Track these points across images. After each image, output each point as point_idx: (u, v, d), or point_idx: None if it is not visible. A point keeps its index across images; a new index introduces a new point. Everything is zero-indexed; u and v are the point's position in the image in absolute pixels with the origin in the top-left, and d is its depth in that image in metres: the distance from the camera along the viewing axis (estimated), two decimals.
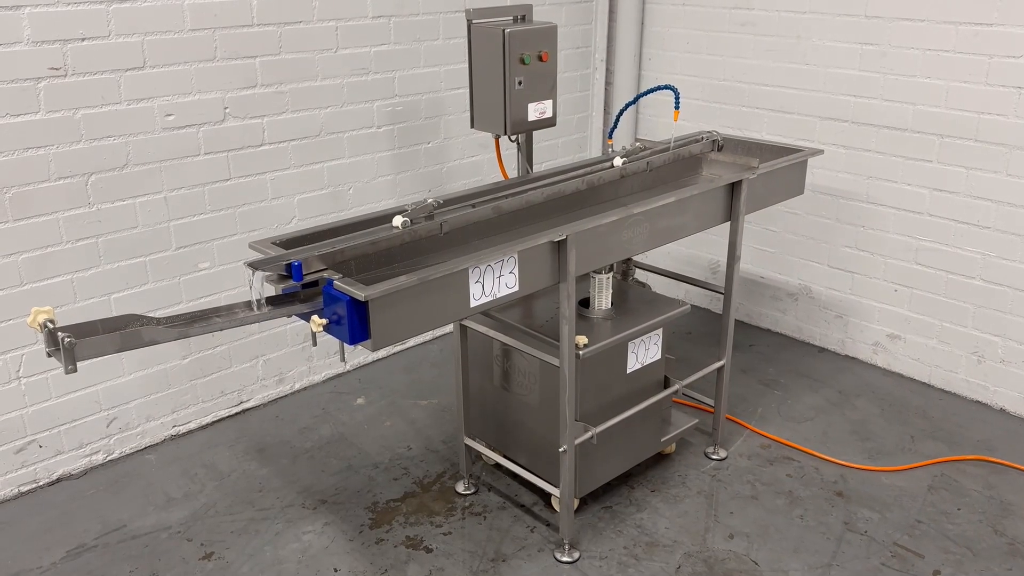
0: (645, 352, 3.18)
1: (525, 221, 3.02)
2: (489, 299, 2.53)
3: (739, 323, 4.84)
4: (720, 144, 3.43)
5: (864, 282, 4.32)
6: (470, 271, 2.44)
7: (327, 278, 2.28)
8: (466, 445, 3.36)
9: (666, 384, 3.36)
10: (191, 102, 3.49)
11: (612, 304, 3.17)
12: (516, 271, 2.57)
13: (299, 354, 4.17)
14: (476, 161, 4.60)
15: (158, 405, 3.74)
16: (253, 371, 4.02)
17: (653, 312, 3.17)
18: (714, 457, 3.62)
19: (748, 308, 4.83)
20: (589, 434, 2.98)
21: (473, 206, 2.69)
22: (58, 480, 3.52)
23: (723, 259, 4.83)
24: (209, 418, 3.92)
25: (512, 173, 3.53)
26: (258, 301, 2.23)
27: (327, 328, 2.30)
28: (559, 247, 2.66)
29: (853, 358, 4.47)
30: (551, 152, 4.98)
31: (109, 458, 3.65)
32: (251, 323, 2.21)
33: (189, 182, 3.57)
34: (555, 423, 3.01)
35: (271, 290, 2.35)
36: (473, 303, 2.49)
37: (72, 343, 1.89)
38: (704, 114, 4.74)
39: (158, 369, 3.70)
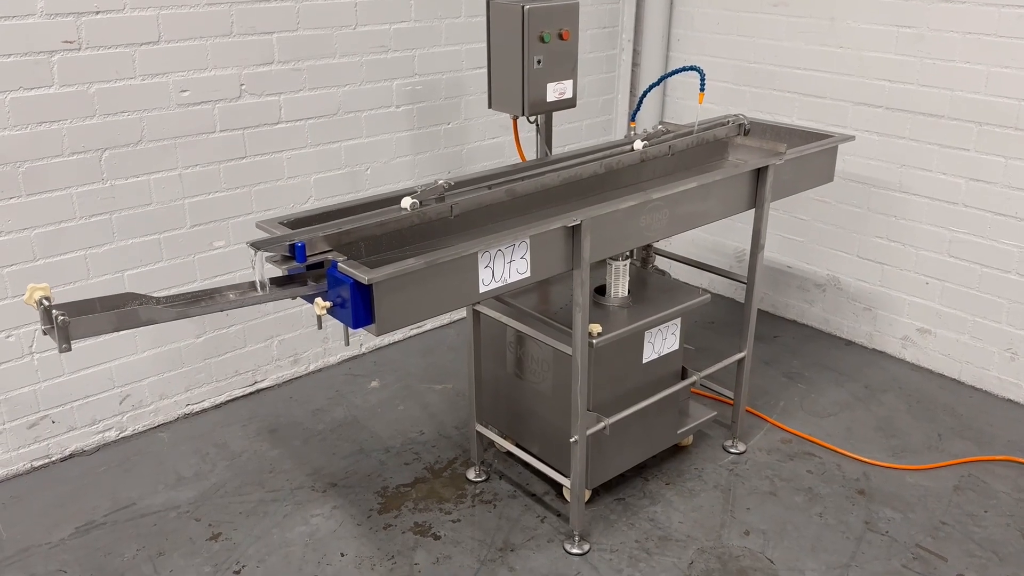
0: (662, 342, 3.10)
1: (540, 205, 2.94)
2: (499, 285, 2.45)
3: (764, 313, 4.72)
4: (747, 128, 3.31)
5: (894, 274, 4.19)
6: (479, 255, 2.36)
7: (332, 260, 2.23)
8: (477, 432, 3.31)
9: (684, 375, 3.27)
10: (207, 78, 3.44)
11: (629, 292, 3.08)
12: (528, 256, 2.49)
13: (314, 335, 4.13)
14: (497, 143, 4.52)
15: (171, 383, 3.73)
16: (267, 351, 3.99)
17: (671, 301, 3.07)
18: (732, 451, 3.53)
19: (773, 298, 4.72)
20: (601, 425, 2.90)
21: (488, 188, 2.62)
22: (70, 456, 3.52)
23: (748, 247, 4.72)
24: (223, 397, 3.91)
25: (531, 156, 3.44)
26: (261, 282, 2.18)
27: (331, 311, 2.24)
28: (573, 232, 2.58)
29: (881, 352, 4.34)
30: (574, 135, 4.88)
31: (122, 435, 3.65)
32: (253, 304, 2.17)
33: (204, 159, 3.53)
34: (568, 412, 2.94)
35: (275, 271, 2.30)
36: (483, 288, 2.42)
37: (66, 321, 1.85)
38: (733, 97, 4.60)
39: (172, 347, 3.68)
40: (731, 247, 4.85)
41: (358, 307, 2.17)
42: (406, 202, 2.43)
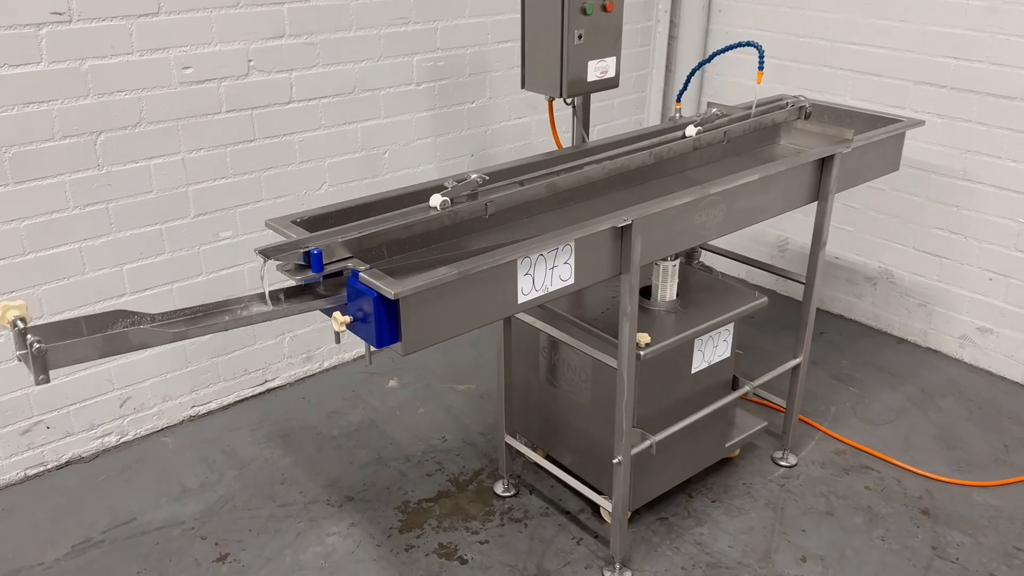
0: (713, 350, 2.80)
1: (579, 197, 2.64)
2: (540, 294, 2.16)
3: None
4: (808, 111, 2.99)
5: (954, 268, 3.87)
6: (519, 262, 2.07)
7: (352, 269, 1.94)
8: (507, 443, 3.03)
9: (735, 385, 2.98)
10: (211, 53, 3.13)
11: (677, 295, 2.79)
12: (572, 261, 2.20)
13: (328, 331, 3.85)
14: (524, 123, 4.20)
15: (176, 384, 3.46)
16: (279, 348, 3.72)
17: (724, 305, 2.78)
18: (783, 463, 3.25)
19: (819, 291, 4.39)
20: (647, 443, 2.62)
21: (522, 183, 2.31)
22: (67, 463, 3.27)
23: (792, 235, 4.40)
24: (231, 398, 3.64)
25: (565, 140, 3.13)
26: (271, 294, 1.90)
27: (351, 327, 1.96)
28: (622, 233, 2.28)
29: (936, 351, 4.03)
30: (606, 114, 4.55)
31: (122, 440, 3.39)
32: (261, 321, 1.88)
33: (209, 143, 3.23)
34: (608, 426, 2.66)
35: (286, 280, 2.01)
36: (521, 299, 2.13)
37: (42, 349, 1.57)
38: (780, 74, 4.26)
39: (176, 345, 3.41)
40: (772, 235, 4.54)
41: (382, 324, 1.89)
42: (436, 200, 2.13)
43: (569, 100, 2.90)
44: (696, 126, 2.68)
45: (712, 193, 2.43)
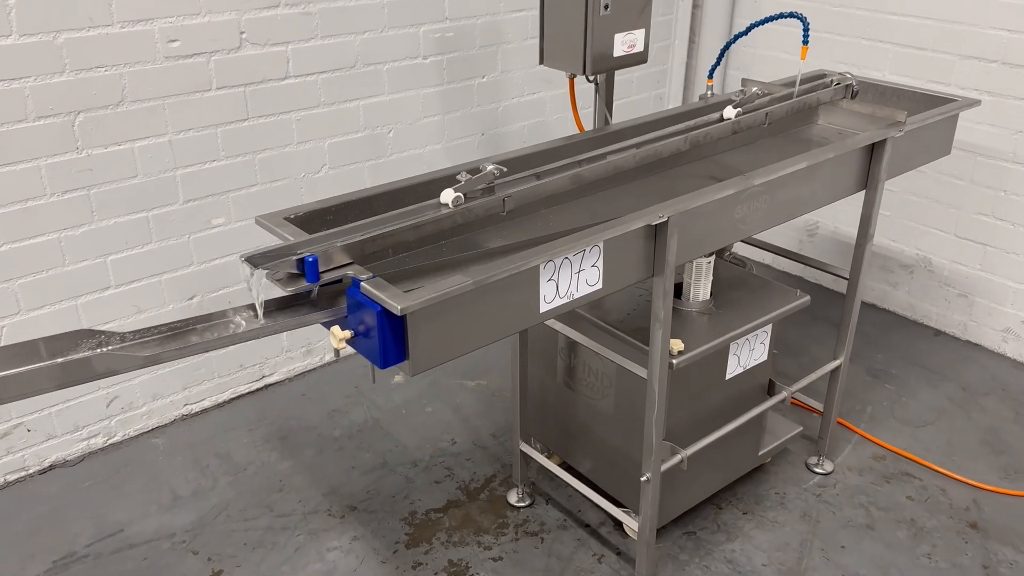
0: (749, 353, 2.56)
1: (603, 185, 2.40)
2: (565, 301, 1.92)
3: (836, 295, 4.15)
4: (855, 90, 2.72)
5: (999, 257, 3.61)
6: (541, 268, 1.82)
7: (352, 277, 1.69)
8: (521, 451, 2.81)
9: (770, 390, 2.74)
10: (200, 25, 2.87)
11: (712, 294, 2.54)
12: (600, 264, 1.95)
13: None
14: (538, 99, 3.93)
15: (167, 381, 3.24)
16: (277, 341, 3.48)
17: (762, 305, 2.53)
18: (818, 471, 3.02)
19: (863, 287, 4.13)
20: (678, 458, 2.39)
21: (538, 177, 2.06)
22: (51, 468, 3.06)
23: (821, 219, 4.14)
24: (226, 395, 3.42)
25: (586, 120, 2.87)
26: (260, 307, 1.66)
27: (352, 342, 1.72)
28: (656, 231, 2.03)
29: (976, 345, 3.79)
30: (625, 88, 4.27)
31: (110, 442, 3.18)
32: (250, 339, 1.65)
33: (199, 123, 2.97)
34: (632, 435, 2.43)
35: (277, 289, 1.76)
36: (544, 307, 1.88)
37: None
38: (813, 47, 3.97)
39: None
40: (800, 219, 4.27)
41: (387, 341, 1.65)
42: (447, 196, 1.88)
43: (591, 77, 2.64)
44: (735, 107, 2.41)
45: (756, 184, 2.17)
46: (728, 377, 2.55)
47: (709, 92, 2.88)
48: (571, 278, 1.90)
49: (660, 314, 2.12)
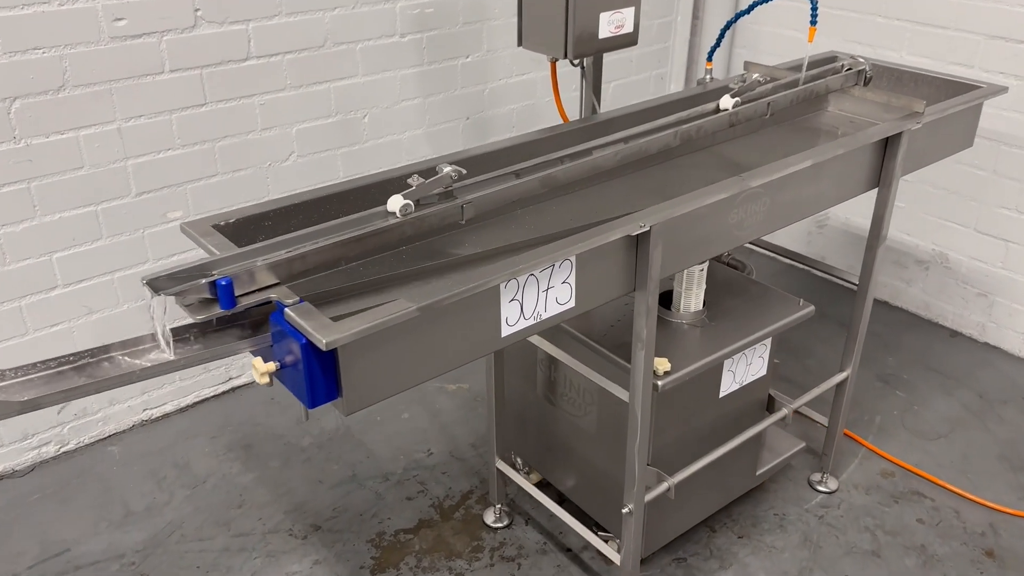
0: (746, 369, 2.32)
1: (584, 181, 2.15)
2: (531, 323, 1.68)
3: (845, 291, 3.89)
4: (868, 76, 2.45)
5: (1023, 254, 3.34)
6: (502, 288, 1.59)
7: (277, 301, 1.46)
8: (498, 469, 2.59)
9: (770, 406, 2.51)
10: (149, 1, 2.62)
11: (704, 304, 2.30)
12: (573, 280, 1.71)
13: None
14: (528, 80, 3.66)
15: None
16: None
17: (760, 315, 2.29)
18: (821, 489, 2.79)
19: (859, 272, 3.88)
20: (665, 486, 2.16)
21: (516, 175, 1.81)
22: None
23: (831, 210, 3.87)
24: (189, 399, 3.21)
25: (572, 107, 2.62)
26: (165, 339, 1.43)
27: (279, 375, 1.50)
28: (638, 242, 1.79)
29: (995, 348, 3.53)
30: (623, 69, 4.00)
31: (63, 450, 2.97)
32: (153, 376, 1.42)
33: (151, 108, 2.73)
34: (616, 457, 2.21)
35: (188, 314, 1.53)
36: (506, 331, 1.65)
37: None
38: (823, 25, 3.68)
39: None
40: None
41: (315, 377, 1.42)
42: (395, 203, 1.64)
43: (576, 61, 2.38)
44: (733, 96, 2.15)
45: (753, 186, 1.92)
46: (722, 395, 2.31)
47: (708, 76, 2.62)
48: (538, 297, 1.67)
49: (643, 333, 1.88)
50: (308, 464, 2.92)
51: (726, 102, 2.15)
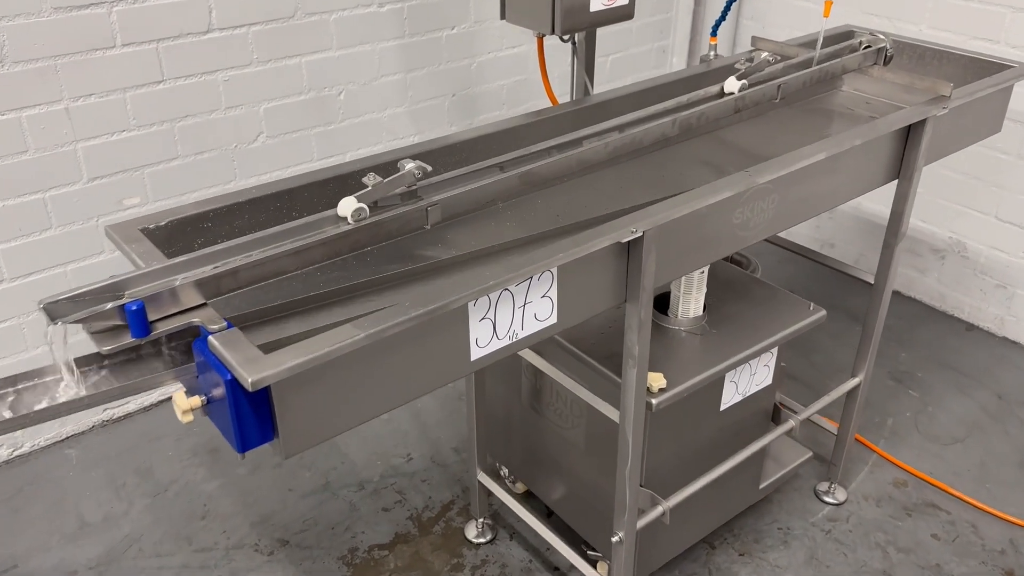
0: (750, 379, 2.11)
1: (567, 175, 1.92)
2: (505, 344, 1.47)
3: (855, 281, 3.66)
4: (889, 55, 2.21)
5: None
6: (471, 306, 1.37)
7: (200, 326, 1.25)
8: (480, 482, 2.39)
9: (776, 416, 2.30)
10: None
11: (705, 308, 2.08)
12: (554, 293, 1.49)
13: None
14: (519, 54, 3.42)
15: None
16: None
17: (767, 322, 2.07)
18: (829, 500, 2.59)
19: (870, 260, 3.66)
20: (659, 511, 1.97)
21: (492, 169, 1.58)
22: None
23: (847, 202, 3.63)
24: (153, 397, 3.01)
25: (563, 88, 2.38)
26: (69, 368, 1.22)
27: (207, 410, 1.29)
28: (629, 249, 1.56)
29: (1014, 343, 3.32)
30: (621, 41, 3.74)
31: (16, 453, 2.78)
32: (63, 415, 1.21)
33: (101, 86, 2.50)
34: (607, 472, 2.01)
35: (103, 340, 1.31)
36: (476, 354, 1.44)
37: None
38: None
39: None
40: None
41: (245, 418, 1.21)
42: (347, 207, 1.42)
43: (566, 37, 2.14)
44: (739, 78, 1.92)
45: (761, 183, 1.70)
46: (723, 408, 2.11)
47: (712, 53, 2.38)
48: (514, 314, 1.45)
49: (635, 349, 1.67)
50: (278, 470, 2.73)
51: (731, 85, 1.91)
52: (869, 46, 2.21)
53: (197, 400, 1.25)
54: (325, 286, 1.49)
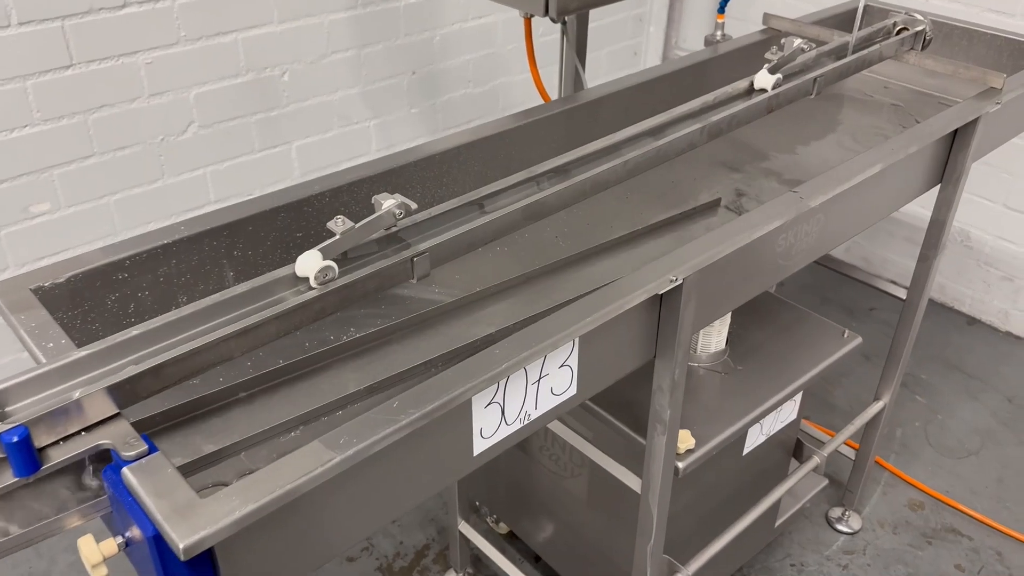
0: (775, 418, 1.84)
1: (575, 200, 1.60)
2: (516, 428, 1.16)
3: (855, 270, 3.43)
4: (928, 38, 1.91)
5: None
6: (474, 401, 1.05)
7: (112, 450, 0.90)
8: (460, 533, 2.09)
9: (797, 451, 2.04)
10: None
11: (727, 342, 1.79)
12: (574, 362, 1.18)
13: None
14: (485, 24, 3.05)
15: None
16: None
17: (798, 355, 1.79)
18: (843, 528, 2.36)
19: (868, 250, 3.42)
20: None
21: (481, 205, 1.25)
22: None
23: None
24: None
25: (551, 82, 2.05)
26: None
27: (126, 551, 0.95)
28: (662, 299, 1.25)
29: (1018, 338, 3.12)
30: (610, 28, 3.38)
31: None
32: None
33: None
34: (610, 529, 1.73)
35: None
36: (479, 447, 1.12)
37: None
38: None
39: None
40: None
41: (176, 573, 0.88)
42: (309, 266, 1.06)
43: (558, 18, 1.79)
44: (772, 71, 1.60)
45: (812, 207, 1.40)
46: (746, 452, 1.83)
47: (719, 34, 2.07)
48: (526, 392, 1.14)
49: (665, 414, 1.37)
50: None
51: (763, 80, 1.59)
52: (905, 27, 1.91)
53: (112, 545, 0.91)
54: (278, 359, 1.15)
